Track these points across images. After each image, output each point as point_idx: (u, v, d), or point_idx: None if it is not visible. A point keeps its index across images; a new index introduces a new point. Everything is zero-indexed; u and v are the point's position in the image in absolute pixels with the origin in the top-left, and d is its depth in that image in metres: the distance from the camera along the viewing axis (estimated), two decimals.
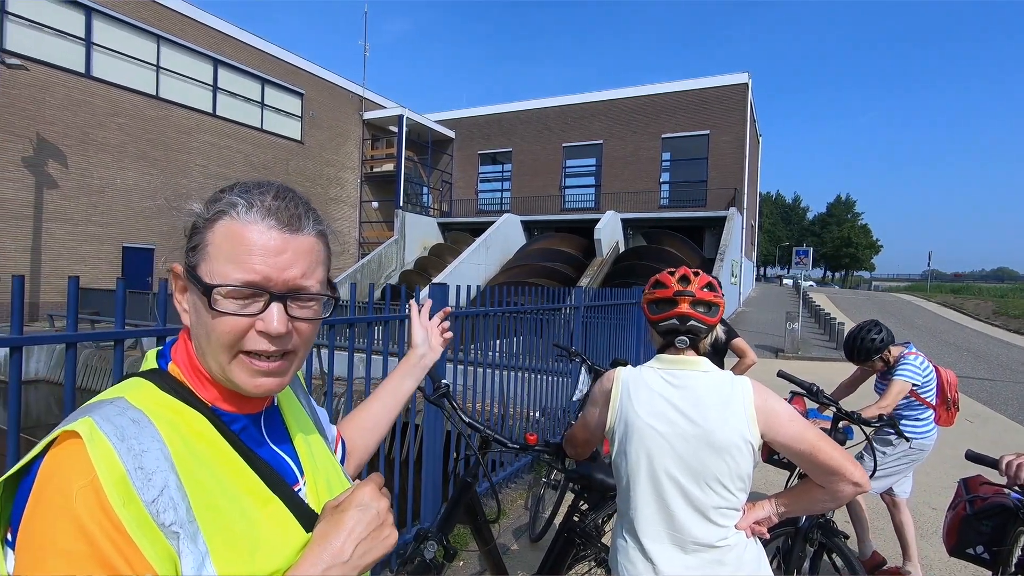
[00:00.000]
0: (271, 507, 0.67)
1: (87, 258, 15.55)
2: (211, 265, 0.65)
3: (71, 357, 1.58)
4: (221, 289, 0.64)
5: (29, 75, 14.10)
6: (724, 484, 1.40)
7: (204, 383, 0.70)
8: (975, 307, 27.77)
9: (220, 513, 0.62)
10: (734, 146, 22.77)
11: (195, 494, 0.60)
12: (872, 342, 3.19)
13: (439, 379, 2.04)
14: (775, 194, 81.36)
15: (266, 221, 0.65)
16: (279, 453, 0.75)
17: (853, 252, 73.03)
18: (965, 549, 2.15)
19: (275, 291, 0.65)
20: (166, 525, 0.56)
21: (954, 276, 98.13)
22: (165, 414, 0.64)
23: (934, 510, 4.39)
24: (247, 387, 0.67)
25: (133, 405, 0.62)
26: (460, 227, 26.37)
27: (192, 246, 0.68)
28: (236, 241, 0.65)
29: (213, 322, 0.65)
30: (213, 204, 0.67)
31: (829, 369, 11.71)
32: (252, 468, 0.68)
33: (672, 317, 1.51)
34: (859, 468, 1.36)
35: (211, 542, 0.59)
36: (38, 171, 14.52)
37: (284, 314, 0.66)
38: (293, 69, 21.95)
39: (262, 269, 0.64)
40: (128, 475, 0.56)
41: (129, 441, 0.58)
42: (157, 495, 0.57)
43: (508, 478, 4.36)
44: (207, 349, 0.67)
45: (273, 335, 0.66)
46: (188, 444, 0.63)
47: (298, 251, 0.67)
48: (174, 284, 0.72)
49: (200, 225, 0.67)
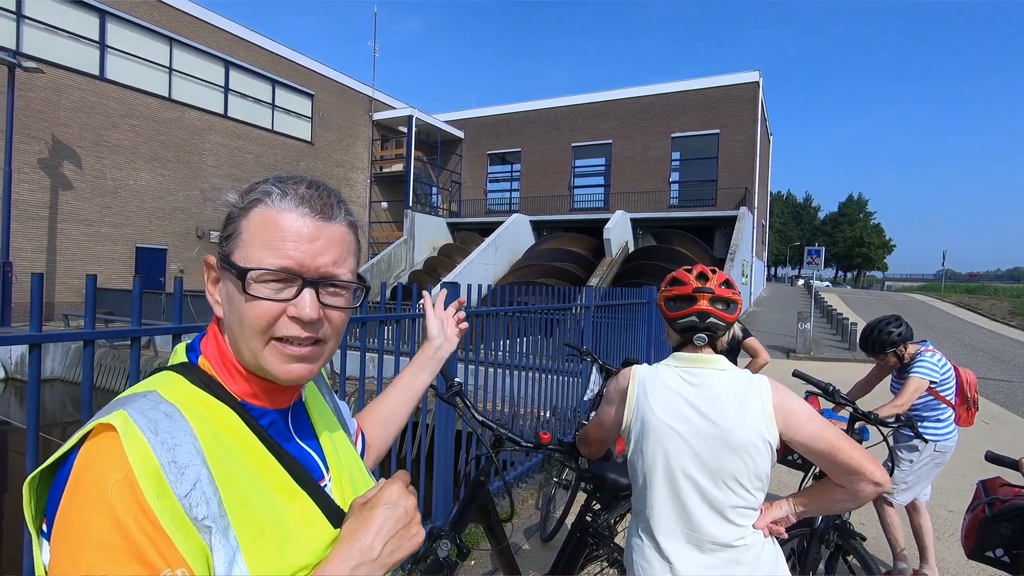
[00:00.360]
0: (299, 502, 0.67)
1: (101, 258, 15.75)
2: (246, 251, 0.66)
3: (88, 354, 1.59)
4: (255, 273, 0.64)
5: (45, 78, 14.30)
6: (742, 483, 1.39)
7: (234, 377, 0.70)
8: (991, 307, 27.38)
9: (250, 508, 0.62)
10: (744, 145, 22.61)
11: (226, 489, 0.60)
12: (889, 335, 3.14)
13: (452, 377, 2.04)
14: (786, 193, 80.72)
15: (300, 209, 0.66)
16: (305, 449, 0.76)
17: (865, 252, 72.25)
18: (984, 552, 2.12)
19: (308, 277, 0.66)
20: (199, 519, 0.57)
21: (969, 276, 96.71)
22: (196, 408, 0.64)
23: (951, 512, 4.33)
24: (279, 373, 0.67)
25: (165, 399, 0.62)
26: (469, 227, 26.40)
27: (227, 235, 0.69)
28: (271, 227, 0.65)
29: (246, 307, 0.65)
30: (248, 194, 0.68)
31: (842, 369, 11.59)
32: (280, 463, 0.68)
33: (691, 314, 1.50)
34: (879, 467, 1.34)
35: (241, 536, 0.60)
36: (53, 172, 14.72)
37: (316, 300, 0.67)
38: (303, 70, 22.09)
39: (296, 255, 0.65)
40: (162, 469, 0.56)
41: (163, 435, 0.58)
42: (190, 489, 0.57)
43: (519, 477, 4.36)
44: (240, 336, 0.67)
45: (306, 320, 0.66)
46: (218, 438, 0.64)
47: (330, 239, 0.68)
48: (207, 275, 0.72)
49: (235, 214, 0.68)
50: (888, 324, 3.17)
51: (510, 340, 4.08)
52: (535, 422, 4.57)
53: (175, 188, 17.54)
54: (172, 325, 1.79)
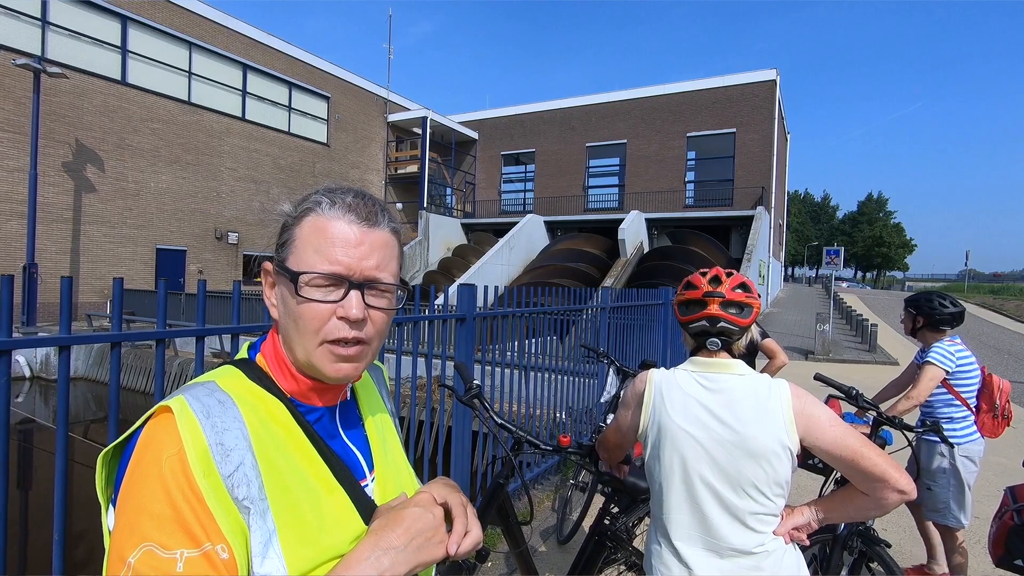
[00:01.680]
0: (336, 496, 0.71)
1: (123, 259, 16.04)
2: (298, 256, 0.71)
3: (116, 356, 1.62)
4: (306, 277, 0.70)
5: (69, 83, 14.61)
6: (761, 490, 1.37)
7: (286, 375, 0.75)
8: (1016, 308, 26.76)
9: (290, 494, 0.66)
10: (761, 144, 22.36)
11: (268, 473, 0.65)
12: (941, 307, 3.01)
13: (470, 380, 2.04)
14: (803, 193, 79.68)
15: (347, 216, 0.72)
16: (350, 447, 0.79)
17: (885, 252, 71.03)
18: (1014, 560, 2.09)
19: (354, 280, 0.71)
20: (239, 499, 0.62)
21: (993, 276, 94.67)
22: (248, 399, 0.70)
23: (977, 519, 4.24)
24: (327, 371, 0.72)
25: (221, 388, 0.69)
26: (483, 228, 26.44)
27: (282, 242, 0.74)
28: (321, 234, 0.71)
29: (299, 308, 0.71)
30: (301, 204, 0.75)
31: (862, 372, 11.42)
32: (322, 457, 0.72)
33: (702, 319, 1.48)
34: (904, 475, 1.31)
35: (279, 519, 0.64)
36: (77, 175, 15.03)
37: (362, 301, 0.72)
38: (319, 73, 22.30)
39: (344, 260, 0.71)
40: (210, 449, 0.62)
41: (213, 419, 0.64)
42: (233, 470, 0.62)
43: (535, 479, 4.35)
44: (295, 337, 0.72)
45: (352, 319, 0.71)
46: (266, 427, 0.69)
47: (374, 244, 0.73)
48: (264, 280, 0.78)
49: (290, 223, 0.74)
50: (944, 298, 3.07)
51: (525, 341, 4.08)
52: (551, 423, 4.56)
53: (194, 190, 17.81)
54: (196, 327, 1.81)
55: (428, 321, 3.15)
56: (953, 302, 3.07)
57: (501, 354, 3.85)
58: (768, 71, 22.32)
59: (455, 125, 26.95)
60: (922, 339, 3.16)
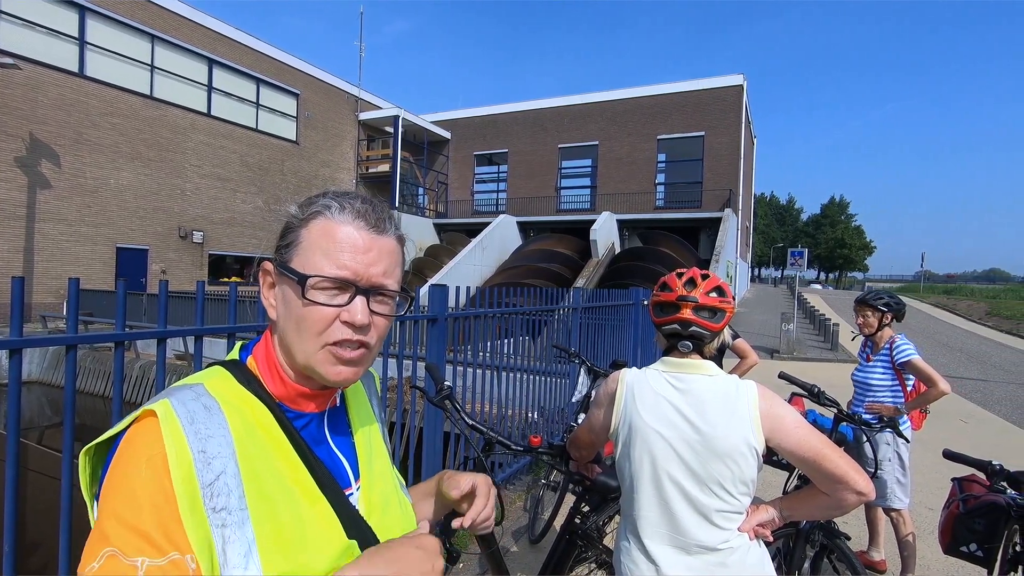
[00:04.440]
0: (318, 506, 0.70)
1: (81, 259, 15.44)
2: (305, 259, 0.71)
3: (71, 359, 1.56)
4: (313, 280, 0.69)
5: (22, 74, 13.99)
6: (727, 489, 1.40)
7: (274, 379, 0.74)
8: (968, 308, 27.97)
9: (271, 503, 0.65)
10: (729, 148, 22.85)
11: (250, 482, 0.64)
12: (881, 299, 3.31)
13: (441, 381, 2.03)
14: (769, 195, 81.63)
15: (356, 222, 0.72)
16: (337, 454, 0.78)
17: (847, 253, 73.34)
18: (959, 547, 2.18)
19: (361, 285, 0.71)
20: (216, 509, 0.61)
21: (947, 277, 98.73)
22: (235, 403, 0.69)
23: (930, 510, 4.41)
24: (327, 375, 0.71)
25: (209, 392, 0.68)
26: (456, 228, 26.33)
27: (286, 243, 0.73)
28: (330, 238, 0.71)
29: (304, 311, 0.70)
30: (309, 206, 0.74)
31: (825, 370, 11.77)
32: (306, 465, 0.71)
33: (674, 322, 1.50)
34: (864, 476, 1.34)
35: (259, 530, 0.63)
36: (31, 171, 14.41)
37: (367, 307, 0.72)
38: (289, 69, 21.87)
39: (352, 265, 0.70)
40: (192, 456, 0.61)
41: (197, 425, 0.63)
42: (214, 479, 0.61)
43: (507, 479, 4.36)
44: (296, 339, 0.71)
45: (357, 325, 0.70)
46: (251, 434, 0.68)
47: (382, 251, 0.73)
48: (263, 281, 0.76)
49: (295, 224, 0.73)
50: (890, 294, 3.35)
51: (497, 342, 4.08)
52: (523, 423, 4.57)
53: (157, 187, 17.26)
54: (157, 329, 1.76)
55: (399, 321, 3.12)
56: (893, 297, 3.39)
57: (473, 355, 3.84)
58: (735, 76, 22.82)
59: (428, 124, 26.77)
60: (879, 338, 3.32)
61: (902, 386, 3.25)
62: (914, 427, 3.33)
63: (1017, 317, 23.13)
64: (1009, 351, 15.84)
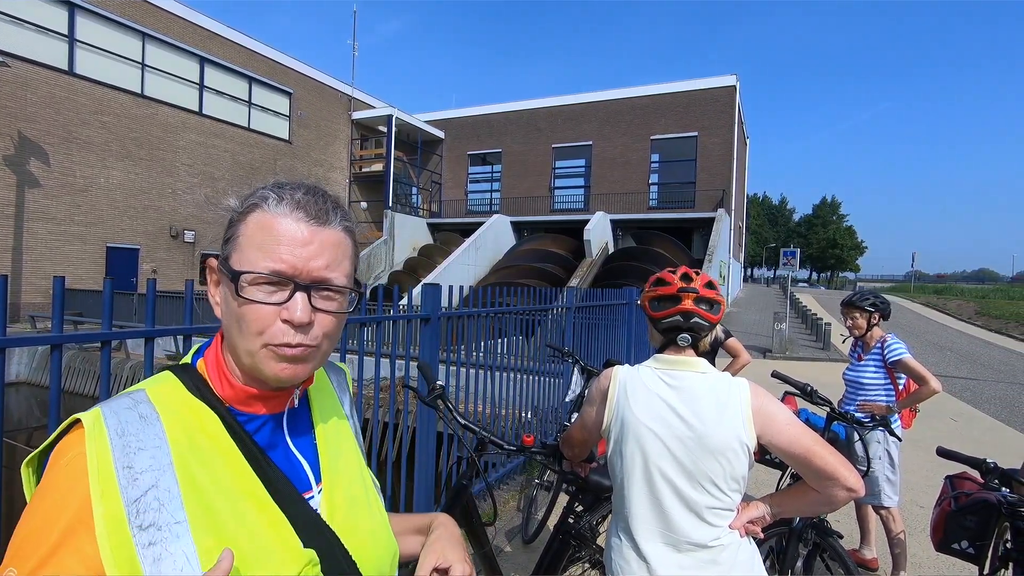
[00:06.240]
0: (268, 514, 0.66)
1: (70, 258, 15.30)
2: (241, 254, 0.67)
3: (56, 359, 1.53)
4: (248, 276, 0.66)
5: (10, 72, 13.84)
6: (718, 485, 1.40)
7: (222, 382, 0.71)
8: (957, 308, 28.22)
9: (214, 514, 0.62)
10: (722, 148, 22.93)
11: (190, 494, 0.61)
12: (867, 300, 3.35)
13: (433, 380, 2.02)
14: (762, 196, 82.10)
15: (295, 214, 0.68)
16: (296, 457, 0.75)
17: (839, 253, 73.85)
18: (951, 544, 2.19)
19: (300, 281, 0.67)
20: (143, 527, 0.57)
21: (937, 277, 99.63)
22: (180, 411, 0.66)
23: (922, 508, 4.44)
24: (270, 373, 0.68)
25: (149, 400, 0.65)
26: (450, 228, 26.29)
27: (227, 239, 0.71)
28: (266, 231, 0.67)
29: (240, 310, 0.67)
30: (248, 199, 0.71)
31: (817, 369, 11.83)
32: (256, 471, 0.68)
33: (676, 314, 1.50)
34: (854, 473, 1.35)
35: (201, 542, 0.59)
36: (20, 170, 14.25)
37: (308, 304, 0.67)
38: (281, 68, 21.76)
39: (288, 259, 0.66)
40: (115, 471, 0.58)
41: (127, 437, 0.60)
42: (141, 495, 0.58)
43: (500, 479, 4.34)
44: (238, 339, 0.68)
45: (296, 324, 0.67)
46: (192, 443, 0.64)
47: (324, 243, 0.69)
48: (210, 278, 0.73)
49: (235, 219, 0.70)
50: (875, 294, 3.39)
51: (491, 341, 4.06)
52: (516, 423, 4.56)
53: (148, 186, 17.12)
54: (145, 328, 1.73)
55: (392, 321, 3.11)
56: (882, 297, 3.43)
57: (467, 354, 3.82)
58: (728, 76, 22.89)
59: (421, 124, 26.71)
60: (870, 338, 3.34)
61: (894, 385, 3.27)
62: (904, 426, 3.35)
63: (1006, 317, 23.35)
64: (998, 350, 15.98)
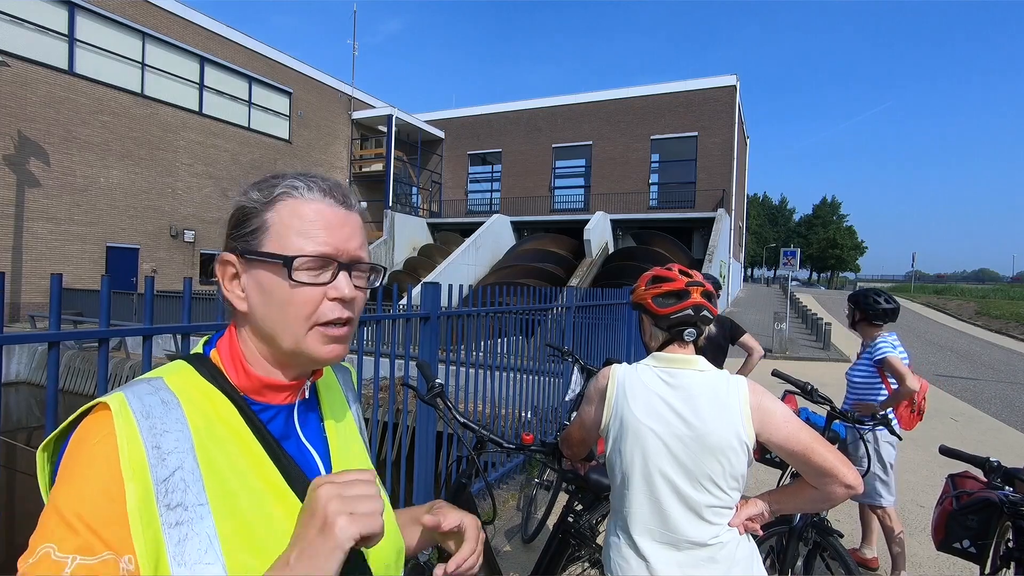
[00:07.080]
0: (285, 501, 0.67)
1: (70, 257, 15.30)
2: (280, 242, 0.69)
3: (54, 356, 1.53)
4: (299, 260, 0.68)
5: (10, 71, 13.84)
6: (718, 484, 1.40)
7: (239, 372, 0.73)
8: (957, 308, 28.22)
9: (234, 499, 0.63)
10: (722, 148, 22.92)
11: (211, 478, 0.62)
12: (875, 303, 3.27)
13: (433, 379, 2.01)
14: (762, 196, 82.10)
15: (326, 199, 0.72)
16: (307, 448, 0.76)
17: (839, 253, 73.82)
18: (952, 543, 2.18)
19: (342, 260, 0.71)
20: (171, 506, 0.58)
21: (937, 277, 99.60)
22: (196, 398, 0.67)
23: (922, 507, 4.44)
24: (320, 354, 0.71)
25: (168, 387, 0.66)
26: (450, 228, 26.29)
27: (251, 229, 0.71)
28: (304, 217, 0.70)
29: (292, 293, 0.69)
30: (271, 189, 0.72)
31: (817, 369, 11.82)
32: (273, 459, 0.69)
33: (687, 308, 1.50)
34: (852, 470, 1.35)
35: (221, 526, 0.61)
36: (19, 169, 14.25)
37: (351, 280, 0.72)
38: (281, 68, 21.76)
39: (332, 240, 0.70)
40: (145, 451, 0.59)
41: (153, 420, 0.61)
42: (168, 475, 0.59)
43: (500, 478, 4.34)
44: (281, 324, 0.70)
45: (347, 299, 0.71)
46: (212, 429, 0.66)
47: (354, 225, 0.74)
48: (223, 273, 0.73)
49: (258, 209, 0.71)
50: (867, 292, 3.36)
51: (491, 341, 4.06)
52: (516, 423, 4.56)
53: (148, 186, 17.12)
54: (143, 326, 1.73)
55: (391, 320, 3.10)
56: (888, 299, 3.32)
57: (467, 354, 3.82)
58: (728, 77, 22.89)
59: (421, 124, 26.70)
60: (863, 334, 3.41)
61: (885, 384, 3.25)
62: (903, 427, 3.31)
63: (1006, 317, 23.36)
64: (998, 350, 15.98)
